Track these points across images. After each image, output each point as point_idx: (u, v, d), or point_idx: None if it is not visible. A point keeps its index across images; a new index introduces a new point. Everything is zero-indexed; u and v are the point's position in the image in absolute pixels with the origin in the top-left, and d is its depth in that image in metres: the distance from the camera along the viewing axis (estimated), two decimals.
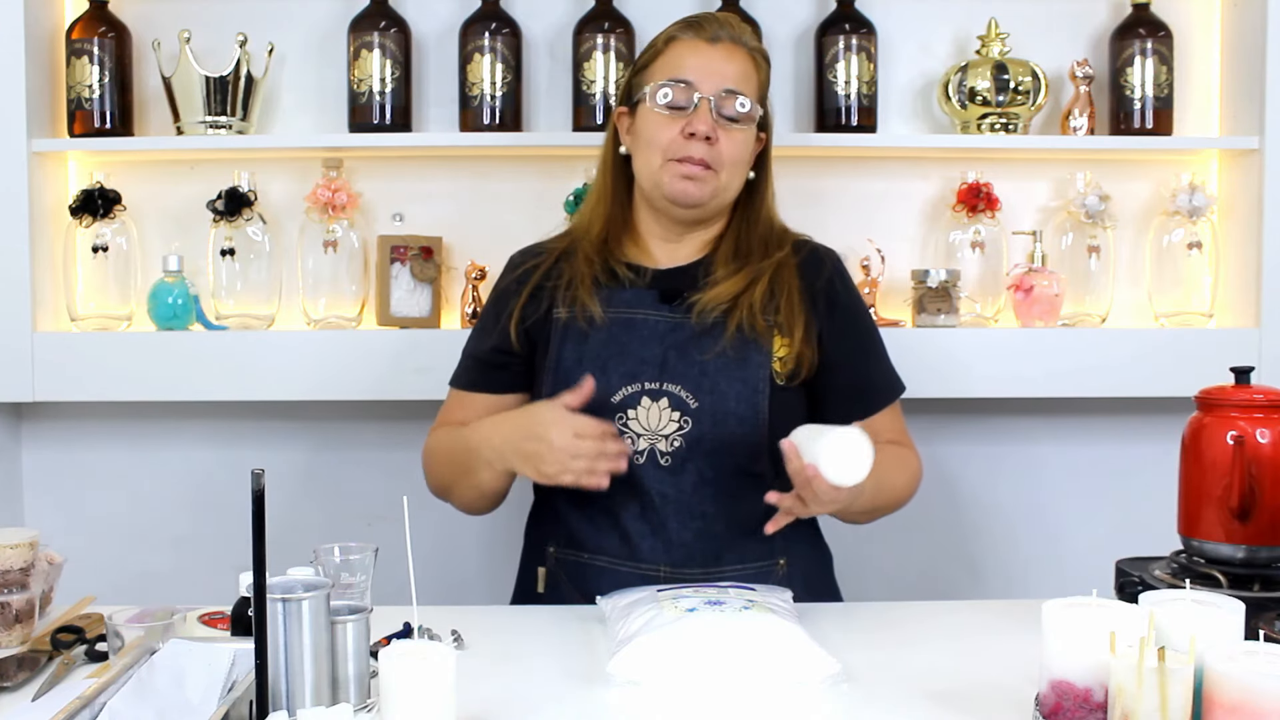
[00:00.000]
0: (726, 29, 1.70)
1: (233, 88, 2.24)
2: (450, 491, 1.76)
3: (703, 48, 1.68)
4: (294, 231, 2.32)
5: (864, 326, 1.76)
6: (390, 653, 1.07)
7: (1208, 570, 1.45)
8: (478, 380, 1.78)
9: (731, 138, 1.66)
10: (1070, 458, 2.44)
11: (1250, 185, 2.29)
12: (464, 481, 1.70)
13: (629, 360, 1.65)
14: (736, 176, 1.70)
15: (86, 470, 2.39)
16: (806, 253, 1.76)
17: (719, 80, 1.66)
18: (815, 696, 1.26)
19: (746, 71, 1.69)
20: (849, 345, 1.72)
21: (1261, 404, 1.45)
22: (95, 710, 1.11)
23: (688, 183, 1.66)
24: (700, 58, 1.67)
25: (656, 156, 1.67)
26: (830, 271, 1.75)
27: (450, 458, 1.72)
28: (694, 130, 1.64)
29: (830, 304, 1.72)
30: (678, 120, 1.65)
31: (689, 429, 1.62)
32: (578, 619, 1.54)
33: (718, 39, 1.68)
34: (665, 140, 1.66)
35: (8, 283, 2.21)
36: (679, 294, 1.70)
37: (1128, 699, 1.04)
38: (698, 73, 1.66)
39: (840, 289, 1.75)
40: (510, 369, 1.75)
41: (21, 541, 1.43)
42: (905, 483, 1.73)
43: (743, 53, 1.69)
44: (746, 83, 1.68)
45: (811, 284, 1.72)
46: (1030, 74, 2.28)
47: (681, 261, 1.74)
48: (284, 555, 1.31)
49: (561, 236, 1.82)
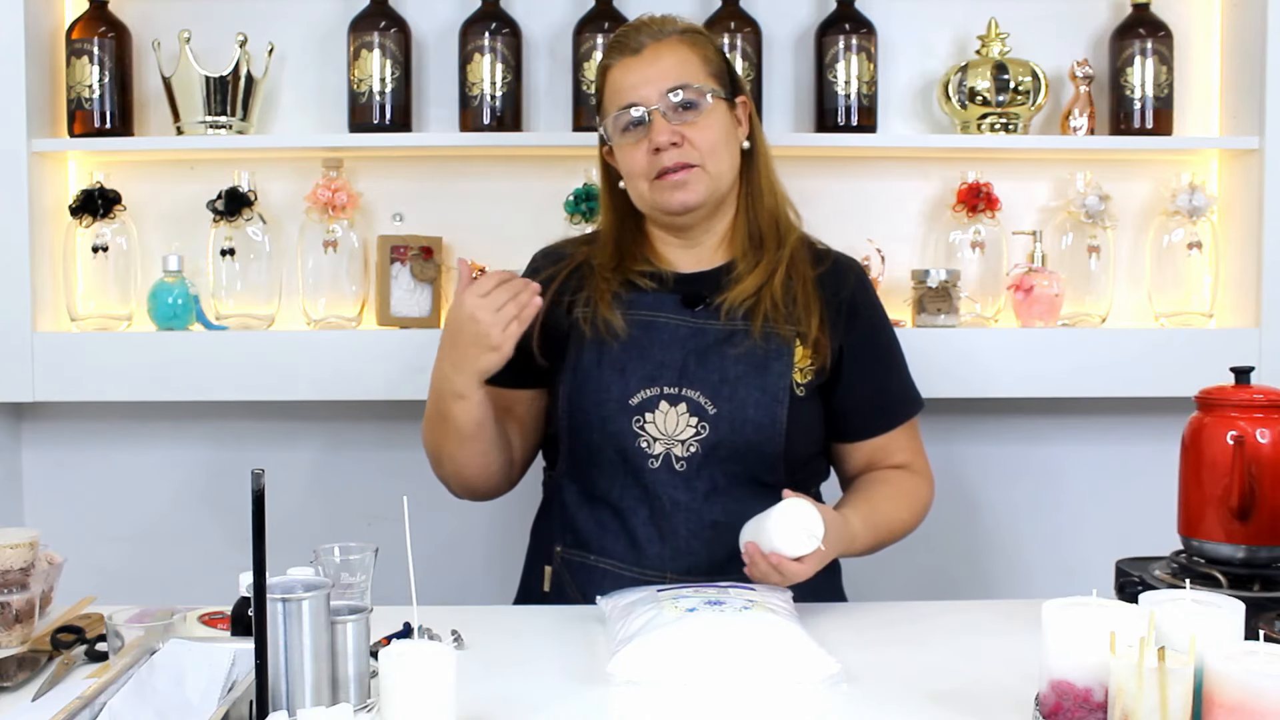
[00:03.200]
0: (646, 31, 1.68)
1: (233, 88, 2.24)
2: (443, 456, 1.69)
3: (630, 63, 1.66)
4: (294, 231, 2.32)
5: (885, 342, 1.75)
6: (390, 653, 1.07)
7: (1208, 570, 1.45)
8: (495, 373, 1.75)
9: (695, 128, 1.64)
10: (1070, 457, 2.44)
11: (1250, 185, 2.29)
12: (448, 435, 1.65)
13: (648, 364, 1.64)
14: (725, 158, 1.68)
15: (86, 470, 2.39)
16: (829, 264, 1.74)
17: (657, 84, 1.64)
18: (815, 696, 1.26)
19: (681, 59, 1.66)
20: (869, 361, 1.71)
21: (1261, 404, 1.45)
22: (95, 710, 1.11)
23: (677, 192, 1.65)
24: (632, 74, 1.66)
25: (640, 182, 1.67)
26: (854, 285, 1.74)
27: (430, 422, 1.69)
28: (656, 144, 1.63)
29: (852, 318, 1.71)
30: (641, 142, 1.65)
31: (706, 435, 1.62)
32: (578, 619, 1.54)
33: (640, 48, 1.66)
34: (640, 165, 1.66)
35: (8, 283, 2.21)
36: (701, 298, 1.69)
37: (1128, 699, 1.04)
38: (634, 91, 1.65)
39: (863, 303, 1.73)
40: (517, 363, 1.70)
41: (21, 541, 1.43)
42: (909, 516, 1.73)
43: (669, 44, 1.67)
44: (686, 69, 1.66)
45: (835, 295, 1.71)
46: (1030, 74, 2.28)
47: (703, 265, 1.73)
48: (284, 555, 1.31)
49: (586, 240, 1.81)
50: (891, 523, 1.69)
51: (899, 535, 1.72)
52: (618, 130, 1.67)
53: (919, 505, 1.74)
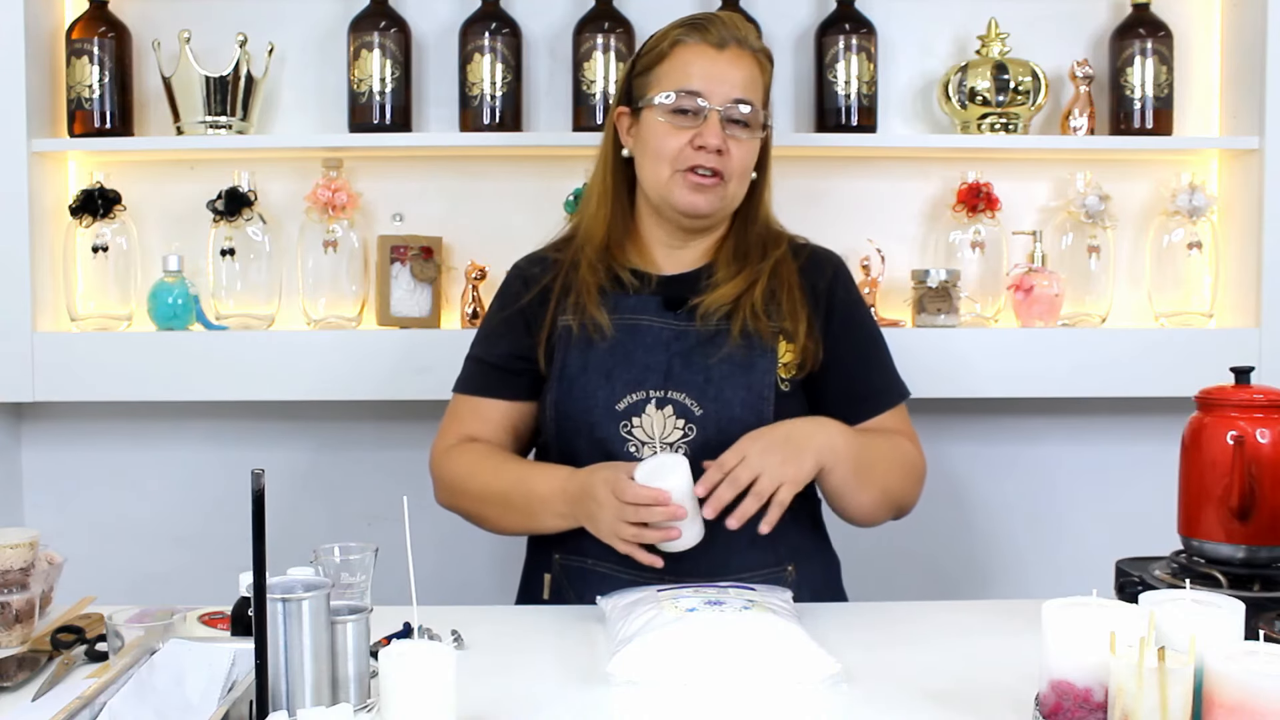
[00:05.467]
0: (732, 31, 1.66)
1: (233, 88, 2.24)
2: (487, 520, 1.70)
3: (709, 53, 1.65)
4: (294, 231, 2.32)
5: (866, 331, 1.75)
6: (390, 653, 1.07)
7: (1208, 570, 1.45)
8: (494, 386, 1.74)
9: (740, 146, 1.65)
10: (1070, 458, 2.44)
11: (1250, 185, 2.29)
12: (521, 524, 1.66)
13: (634, 368, 1.65)
14: (744, 184, 1.69)
15: (86, 470, 2.39)
16: (807, 256, 1.75)
17: (728, 89, 1.63)
18: (815, 696, 1.26)
19: (753, 76, 1.66)
20: (849, 349, 1.71)
21: (1261, 404, 1.45)
22: (95, 710, 1.11)
23: (698, 195, 1.65)
24: (707, 65, 1.64)
25: (665, 167, 1.65)
26: (832, 275, 1.74)
27: (506, 499, 1.65)
28: (704, 144, 1.62)
29: (831, 307, 1.71)
30: (685, 131, 1.63)
31: (693, 436, 1.62)
32: (578, 619, 1.54)
33: (724, 44, 1.65)
34: (673, 150, 1.64)
35: (8, 283, 2.21)
36: (683, 301, 1.69)
37: (1128, 699, 1.04)
38: (706, 82, 1.63)
39: (842, 293, 1.74)
40: (528, 375, 1.72)
41: (21, 541, 1.43)
42: (898, 460, 1.67)
43: (748, 57, 1.67)
44: (753, 88, 1.66)
45: (814, 286, 1.71)
46: (1030, 74, 2.28)
47: (686, 268, 1.73)
48: (284, 555, 1.31)
49: (564, 243, 1.79)
50: (881, 458, 1.63)
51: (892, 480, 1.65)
52: (666, 107, 1.64)
53: (908, 460, 1.68)
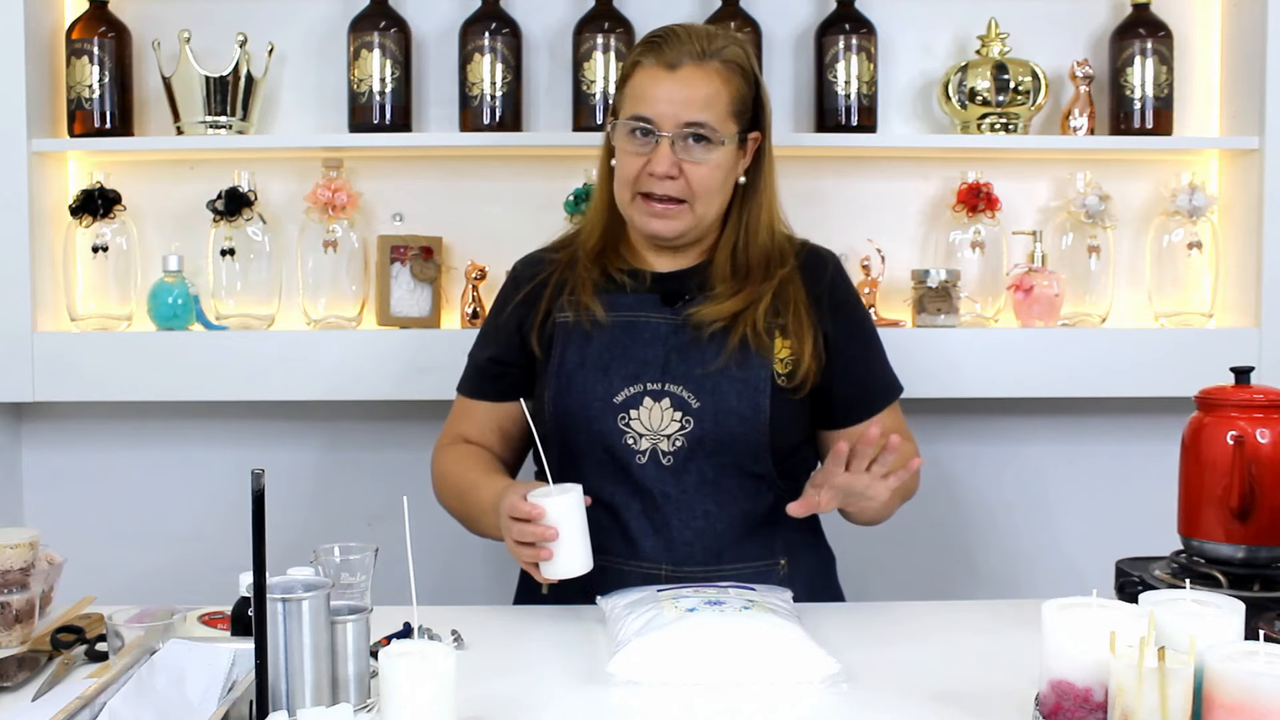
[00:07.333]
0: (689, 47, 1.62)
1: (233, 88, 2.24)
2: (460, 522, 1.75)
3: (661, 77, 1.61)
4: (294, 231, 2.32)
5: (866, 328, 1.76)
6: (390, 653, 1.07)
7: (1208, 570, 1.45)
8: (480, 388, 1.78)
9: (699, 168, 1.62)
10: (1070, 458, 2.44)
11: (1250, 185, 2.28)
12: (477, 530, 1.71)
13: (631, 362, 1.65)
14: (714, 202, 1.66)
15: (86, 470, 2.39)
16: (806, 254, 1.75)
17: (679, 112, 1.60)
18: (815, 696, 1.26)
19: (712, 93, 1.61)
20: (851, 346, 1.72)
21: (1261, 404, 1.45)
22: (95, 710, 1.12)
23: (655, 220, 1.65)
24: (658, 88, 1.61)
25: (625, 190, 1.66)
26: (832, 273, 1.74)
27: (462, 502, 1.71)
28: (653, 171, 1.62)
29: (833, 305, 1.72)
30: (640, 156, 1.63)
31: (690, 429, 1.62)
32: (578, 619, 1.54)
33: (677, 64, 1.61)
34: (631, 174, 1.64)
35: (8, 283, 2.21)
36: (680, 296, 1.69)
37: (1128, 699, 1.04)
38: (656, 107, 1.61)
39: (841, 290, 1.74)
40: (507, 379, 1.75)
41: (21, 541, 1.43)
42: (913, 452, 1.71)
43: (706, 72, 1.61)
44: (712, 106, 1.61)
45: (814, 286, 1.71)
46: (1030, 74, 2.28)
47: (681, 266, 1.73)
48: (284, 555, 1.31)
49: (564, 243, 1.80)
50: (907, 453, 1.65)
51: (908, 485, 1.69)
52: (624, 131, 1.65)
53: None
